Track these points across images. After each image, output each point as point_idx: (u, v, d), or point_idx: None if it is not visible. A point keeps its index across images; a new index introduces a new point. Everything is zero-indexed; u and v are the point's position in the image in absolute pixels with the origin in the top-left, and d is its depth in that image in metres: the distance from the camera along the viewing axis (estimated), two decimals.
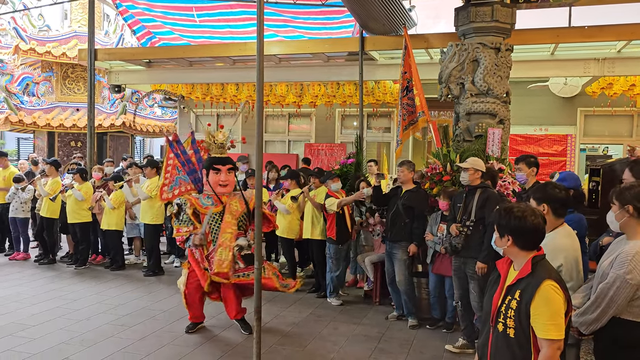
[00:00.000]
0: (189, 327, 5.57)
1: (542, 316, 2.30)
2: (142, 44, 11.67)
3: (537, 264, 2.41)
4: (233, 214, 5.39)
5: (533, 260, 2.41)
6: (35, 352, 4.83)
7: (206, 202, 5.43)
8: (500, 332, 2.44)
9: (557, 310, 2.30)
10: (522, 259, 2.46)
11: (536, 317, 2.31)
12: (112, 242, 8.36)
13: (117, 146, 15.66)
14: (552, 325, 2.29)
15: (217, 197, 5.42)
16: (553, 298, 2.31)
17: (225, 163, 5.43)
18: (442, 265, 5.58)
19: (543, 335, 2.30)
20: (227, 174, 5.41)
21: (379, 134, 11.93)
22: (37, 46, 13.41)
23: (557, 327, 2.29)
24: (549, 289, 2.31)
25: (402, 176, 5.87)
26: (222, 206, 5.41)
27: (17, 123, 13.42)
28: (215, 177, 5.40)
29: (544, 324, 2.30)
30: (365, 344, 5.29)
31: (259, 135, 4.03)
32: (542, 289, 2.31)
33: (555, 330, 2.29)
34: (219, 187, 5.42)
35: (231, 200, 5.44)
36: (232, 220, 5.36)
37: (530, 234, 2.43)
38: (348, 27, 10.12)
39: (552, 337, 2.29)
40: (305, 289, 7.27)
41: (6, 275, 7.72)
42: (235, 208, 5.41)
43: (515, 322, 2.37)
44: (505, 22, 6.43)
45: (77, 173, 8.40)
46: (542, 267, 2.42)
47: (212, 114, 12.69)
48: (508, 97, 6.61)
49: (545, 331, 2.30)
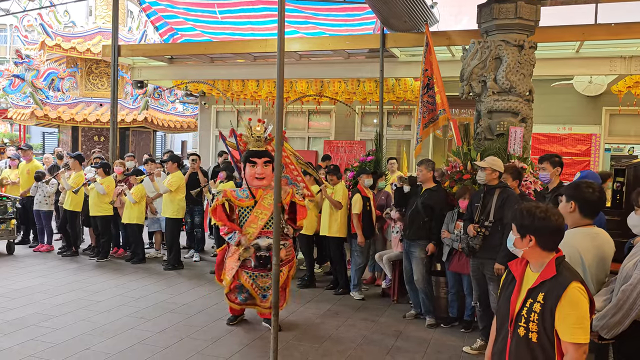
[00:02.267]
0: (230, 319, 5.64)
1: (569, 319, 2.24)
2: (165, 40, 11.77)
3: (561, 265, 2.36)
4: (264, 208, 5.34)
5: (556, 262, 2.36)
6: (58, 342, 4.93)
7: (241, 194, 5.43)
8: (521, 337, 2.37)
9: (583, 314, 2.25)
10: (543, 260, 2.40)
11: (562, 321, 2.26)
12: (133, 236, 8.48)
13: (139, 141, 15.85)
14: (578, 329, 2.24)
15: (250, 191, 5.41)
16: (580, 301, 2.25)
17: (261, 156, 5.38)
18: (459, 263, 5.54)
19: (569, 339, 2.25)
20: (263, 167, 5.36)
21: (399, 131, 11.87)
22: (62, 42, 13.62)
23: (583, 330, 2.24)
24: (575, 292, 2.26)
25: (420, 175, 5.83)
26: (254, 201, 5.38)
27: (43, 118, 13.66)
28: (251, 171, 5.38)
29: (570, 327, 2.24)
30: (382, 342, 5.28)
31: (279, 131, 4.05)
32: (568, 292, 2.26)
33: (582, 333, 2.24)
34: (255, 181, 5.39)
35: (266, 194, 5.38)
36: (260, 215, 5.32)
37: (553, 234, 2.38)
38: (369, 23, 10.07)
39: (578, 341, 2.24)
40: (323, 285, 7.29)
41: (30, 267, 7.89)
42: (268, 203, 5.33)
43: (539, 326, 2.31)
44: (529, 19, 6.33)
45: (100, 167, 8.54)
46: (566, 268, 2.36)
47: (233, 109, 12.76)
48: (531, 96, 6.51)
49: (572, 335, 2.24)
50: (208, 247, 9.39)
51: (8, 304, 6.02)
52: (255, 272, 5.31)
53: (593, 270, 2.99)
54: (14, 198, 8.98)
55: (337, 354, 4.94)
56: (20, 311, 5.79)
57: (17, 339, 4.98)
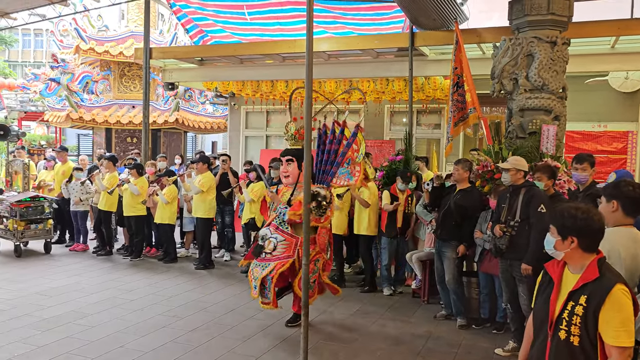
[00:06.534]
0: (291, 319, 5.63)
1: (613, 322, 2.20)
2: (195, 43, 11.93)
3: (603, 266, 2.31)
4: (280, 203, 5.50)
5: (598, 263, 2.31)
6: (93, 340, 5.05)
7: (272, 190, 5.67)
8: (562, 340, 2.33)
9: (628, 316, 2.20)
10: (584, 261, 2.35)
11: (606, 324, 2.21)
12: (165, 236, 8.62)
13: (170, 142, 16.09)
14: (623, 332, 2.19)
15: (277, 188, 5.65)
16: (625, 303, 2.20)
17: (285, 154, 5.55)
18: (491, 263, 5.46)
19: (613, 343, 2.20)
20: (286, 165, 5.48)
21: (428, 130, 11.76)
22: (96, 46, 13.93)
23: (628, 333, 2.19)
24: (620, 294, 2.21)
25: (456, 175, 5.78)
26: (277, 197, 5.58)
27: (78, 120, 14.00)
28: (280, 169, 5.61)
29: (615, 330, 2.19)
30: (413, 343, 5.24)
31: (308, 131, 4.06)
32: (613, 294, 2.21)
33: (626, 337, 2.19)
34: (283, 179, 5.56)
35: (286, 190, 5.55)
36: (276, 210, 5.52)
37: (596, 234, 2.34)
38: (398, 22, 10.01)
39: (623, 345, 2.19)
40: (353, 285, 7.29)
41: (66, 266, 8.10)
42: (284, 199, 5.48)
43: (581, 330, 2.27)
44: (562, 14, 6.21)
45: (134, 168, 8.71)
46: (609, 270, 2.31)
47: (262, 110, 12.85)
48: (564, 93, 6.38)
49: (616, 338, 2.19)
50: (238, 247, 9.48)
51: (45, 302, 6.20)
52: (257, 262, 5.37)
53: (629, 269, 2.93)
54: (51, 199, 9.24)
55: (367, 354, 4.93)
56: (57, 309, 5.95)
57: (54, 336, 5.13)
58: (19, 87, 22.32)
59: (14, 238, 8.61)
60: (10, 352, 4.71)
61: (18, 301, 6.20)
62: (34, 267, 7.91)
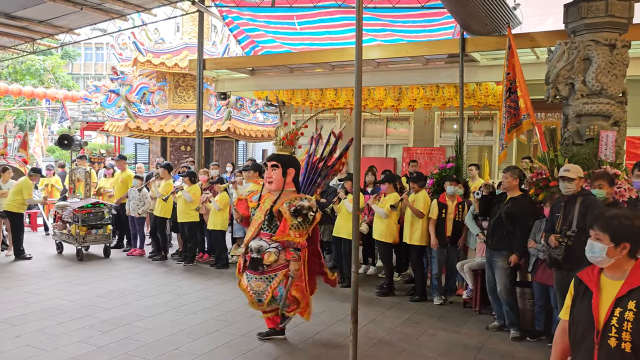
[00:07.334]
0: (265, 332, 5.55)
1: None
2: (246, 53, 12.21)
3: None
4: (262, 211, 5.25)
5: None
6: (149, 342, 5.23)
7: (255, 196, 5.44)
8: (612, 348, 2.28)
9: None
10: (626, 267, 2.34)
11: None
12: (217, 242, 8.82)
13: (222, 150, 16.48)
14: None
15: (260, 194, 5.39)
16: None
17: (270, 160, 5.33)
18: (545, 273, 5.30)
19: None
20: (271, 171, 5.24)
21: (480, 137, 11.55)
22: (152, 58, 14.46)
23: None
24: None
25: (505, 183, 5.66)
26: (257, 204, 5.33)
27: (135, 129, 14.56)
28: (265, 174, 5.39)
29: None
30: (464, 354, 5.15)
31: (357, 139, 4.09)
32: None
33: None
34: (267, 184, 5.33)
35: (267, 197, 5.28)
36: (257, 218, 5.27)
37: None
38: (448, 28, 9.91)
39: None
40: (402, 293, 7.23)
41: (124, 270, 8.42)
42: (266, 206, 5.22)
43: (633, 335, 2.22)
44: (622, 16, 5.99)
45: (187, 176, 8.97)
46: None
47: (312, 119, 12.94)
48: (624, 97, 6.14)
49: None
50: None
51: (104, 304, 6.46)
52: (250, 274, 5.22)
53: None
54: (110, 205, 9.64)
55: None
56: (115, 311, 6.20)
57: (113, 337, 5.34)
58: (81, 99, 23.47)
59: (76, 242, 9.03)
60: (72, 351, 4.94)
61: (79, 303, 6.49)
62: (94, 271, 8.27)
